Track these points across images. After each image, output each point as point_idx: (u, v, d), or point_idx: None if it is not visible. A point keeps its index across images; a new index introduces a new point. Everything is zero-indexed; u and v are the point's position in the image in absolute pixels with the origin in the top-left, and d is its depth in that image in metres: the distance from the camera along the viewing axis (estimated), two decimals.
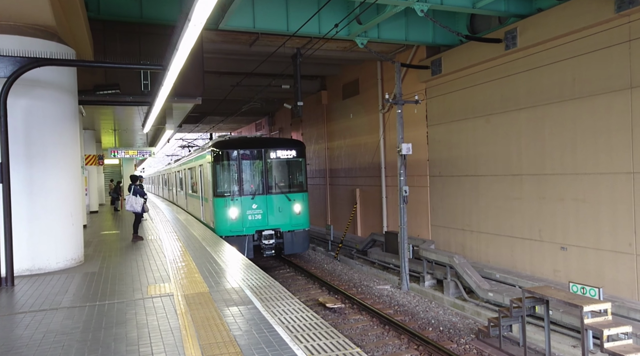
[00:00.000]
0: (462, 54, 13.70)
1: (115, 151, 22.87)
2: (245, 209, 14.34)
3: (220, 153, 14.57)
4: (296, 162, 15.28)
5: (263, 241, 14.44)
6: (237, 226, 14.24)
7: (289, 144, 15.31)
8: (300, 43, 14.61)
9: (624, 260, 9.60)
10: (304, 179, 15.48)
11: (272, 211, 14.61)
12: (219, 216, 14.35)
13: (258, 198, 14.47)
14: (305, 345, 4.61)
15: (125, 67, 9.77)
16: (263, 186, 14.61)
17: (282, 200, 14.72)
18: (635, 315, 8.66)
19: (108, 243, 12.08)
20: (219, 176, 14.54)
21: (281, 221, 14.67)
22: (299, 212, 14.87)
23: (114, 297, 6.65)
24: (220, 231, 14.29)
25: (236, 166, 14.47)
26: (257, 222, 14.42)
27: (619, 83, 9.59)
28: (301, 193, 15.12)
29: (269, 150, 14.76)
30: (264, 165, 14.69)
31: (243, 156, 14.52)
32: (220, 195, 14.45)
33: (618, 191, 9.69)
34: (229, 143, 14.98)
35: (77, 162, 9.36)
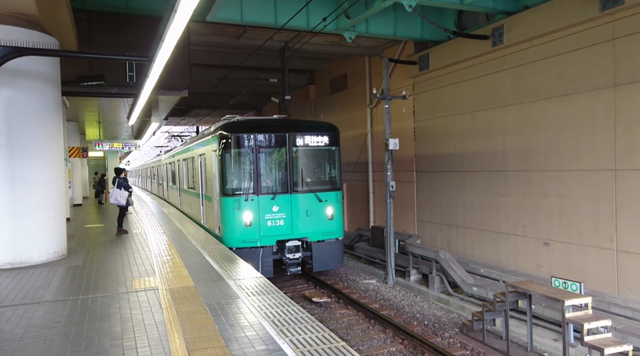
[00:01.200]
0: (449, 50, 13.76)
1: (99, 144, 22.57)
2: (264, 213, 11.23)
3: (231, 138, 11.29)
4: (329, 152, 12.20)
5: (287, 254, 11.41)
6: (252, 235, 11.14)
7: (320, 128, 12.14)
8: (288, 36, 14.54)
9: (605, 256, 9.77)
10: (338, 174, 12.43)
11: (298, 215, 11.56)
12: (229, 222, 11.21)
13: (280, 198, 11.39)
14: (290, 339, 4.61)
15: (110, 58, 9.66)
16: (287, 183, 11.51)
17: (311, 201, 11.69)
18: (614, 309, 8.83)
19: (92, 237, 11.94)
20: (228, 169, 11.32)
21: (309, 228, 11.63)
22: (331, 216, 11.87)
23: (98, 291, 6.59)
24: (230, 241, 11.17)
25: (252, 156, 11.28)
26: (278, 229, 11.34)
27: (602, 81, 9.72)
28: (334, 191, 12.10)
29: (295, 135, 11.59)
30: (288, 155, 11.54)
31: (261, 143, 11.35)
32: (230, 194, 11.24)
33: (600, 187, 9.85)
34: (242, 125, 11.65)
35: (60, 155, 9.22)
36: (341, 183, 12.60)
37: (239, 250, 10.90)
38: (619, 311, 8.76)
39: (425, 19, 11.77)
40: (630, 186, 9.26)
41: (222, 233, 11.51)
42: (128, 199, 12.64)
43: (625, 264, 9.38)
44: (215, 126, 12.86)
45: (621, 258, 9.46)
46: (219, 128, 11.75)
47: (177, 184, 20.00)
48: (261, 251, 11.15)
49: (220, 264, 8.18)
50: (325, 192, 11.87)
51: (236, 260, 8.54)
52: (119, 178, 12.54)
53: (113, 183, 12.75)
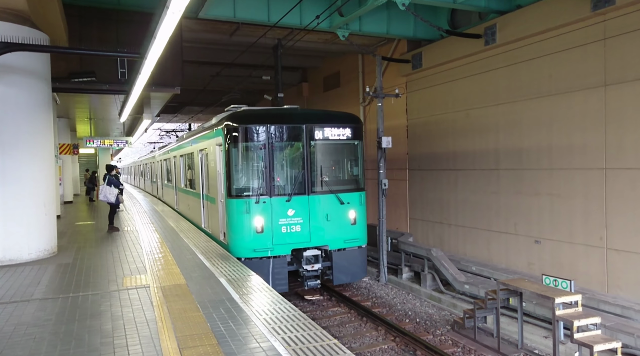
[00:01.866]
0: (442, 49, 13.79)
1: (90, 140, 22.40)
2: (277, 217, 9.76)
3: (239, 131, 9.77)
4: (351, 147, 10.75)
5: (304, 265, 10.01)
6: (264, 243, 9.69)
7: (341, 119, 10.67)
8: (281, 34, 14.50)
9: (594, 254, 9.86)
10: (361, 172, 10.89)
11: (317, 219, 10.07)
12: (236, 228, 9.73)
13: (296, 199, 9.90)
14: (282, 337, 4.61)
15: (101, 54, 9.56)
16: (304, 182, 10.00)
17: (332, 203, 10.19)
18: (604, 306, 8.92)
19: (83, 234, 11.86)
20: (236, 166, 9.80)
21: (330, 234, 10.18)
22: (354, 221, 10.38)
23: (88, 289, 6.54)
24: (238, 250, 9.70)
25: (264, 151, 9.79)
26: (294, 236, 9.91)
27: (593, 81, 9.79)
28: (357, 192, 10.55)
29: (313, 127, 10.10)
30: (305, 149, 10.04)
31: (275, 136, 9.89)
32: (238, 195, 9.71)
33: (591, 186, 9.93)
34: (253, 116, 10.14)
35: (50, 151, 9.14)
36: (364, 182, 10.99)
37: (248, 261, 9.51)
38: (609, 308, 8.84)
39: (418, 17, 11.79)
40: (620, 184, 9.34)
41: (228, 240, 9.99)
42: (118, 196, 12.56)
43: (614, 262, 9.47)
44: (219, 117, 11.32)
45: (611, 256, 9.55)
46: (226, 119, 10.07)
47: (174, 183, 18.47)
48: (272, 262, 9.65)
49: (212, 261, 8.15)
50: (347, 193, 10.36)
51: (228, 259, 8.51)
52: (109, 175, 12.46)
53: (103, 180, 12.67)
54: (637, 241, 9.02)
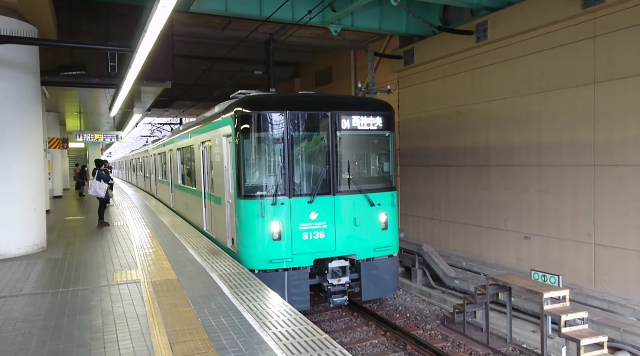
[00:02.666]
0: (434, 45, 13.82)
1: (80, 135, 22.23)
2: (298, 222, 8.37)
3: (253, 118, 8.31)
4: (382, 139, 9.40)
5: (329, 279, 8.62)
6: (282, 252, 8.30)
7: (371, 106, 9.29)
8: (273, 29, 14.44)
9: (583, 249, 9.98)
10: (393, 168, 9.51)
11: (344, 224, 8.69)
12: (249, 234, 8.35)
13: (320, 201, 8.50)
14: (273, 332, 4.62)
15: (91, 47, 9.48)
16: (329, 180, 8.61)
17: (361, 205, 8.83)
18: (591, 301, 9.05)
19: (72, 229, 11.78)
20: (248, 161, 8.39)
21: (358, 241, 8.81)
22: (385, 225, 9.04)
23: (78, 284, 6.51)
24: (251, 261, 8.29)
25: (283, 143, 8.39)
26: (317, 244, 8.50)
27: (583, 78, 9.88)
28: (389, 191, 9.24)
29: (340, 115, 8.71)
30: (331, 141, 8.63)
31: (295, 125, 8.45)
32: (250, 195, 8.31)
33: (579, 183, 10.04)
34: (268, 101, 8.73)
35: (39, 145, 9.05)
36: (395, 180, 9.64)
37: (263, 274, 8.13)
38: (596, 303, 8.97)
39: (410, 13, 11.79)
40: (608, 181, 9.45)
41: (238, 248, 8.56)
42: (108, 191, 12.49)
43: (602, 257, 9.60)
44: (222, 105, 10.07)
45: (598, 251, 9.67)
46: (236, 105, 8.67)
47: (169, 179, 17.00)
48: (286, 275, 8.23)
49: (203, 257, 8.14)
50: (378, 192, 9.02)
51: (220, 254, 8.49)
52: (99, 169, 12.40)
53: (93, 175, 12.59)
54: (624, 237, 9.14)
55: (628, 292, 8.99)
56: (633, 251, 8.97)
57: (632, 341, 7.67)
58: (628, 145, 9.05)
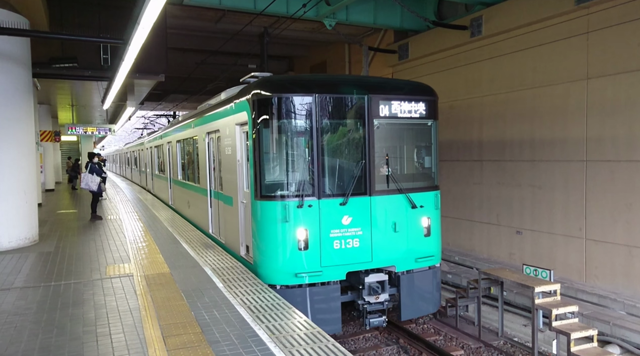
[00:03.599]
0: (429, 40, 13.82)
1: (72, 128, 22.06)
2: (328, 227, 7.04)
3: (274, 103, 7.00)
4: (424, 129, 8.06)
5: (365, 296, 7.26)
6: (309, 263, 6.96)
7: (412, 90, 7.89)
8: (267, 22, 14.35)
9: (574, 244, 10.07)
10: (435, 164, 8.17)
11: (382, 229, 7.36)
12: (270, 242, 7.03)
13: (354, 202, 7.16)
14: (267, 325, 4.64)
15: (83, 39, 9.39)
16: (365, 178, 7.23)
17: (400, 207, 7.52)
18: (582, 295, 9.15)
19: (65, 223, 11.72)
20: (268, 154, 7.12)
21: (397, 251, 7.51)
22: (428, 231, 7.80)
23: (71, 277, 6.49)
24: (272, 274, 6.97)
25: (311, 133, 7.01)
26: (351, 254, 7.17)
27: (576, 74, 9.92)
28: (432, 191, 7.98)
29: (378, 100, 7.31)
30: (367, 131, 7.24)
31: (325, 112, 7.09)
32: (272, 196, 6.98)
33: (571, 178, 10.11)
34: (292, 83, 7.48)
35: (31, 138, 8.98)
36: (438, 177, 8.27)
37: (287, 290, 6.82)
38: (586, 297, 9.07)
39: (405, 7, 11.77)
40: (599, 176, 9.52)
41: (256, 259, 7.21)
42: (100, 185, 12.44)
43: (593, 252, 9.69)
44: (230, 92, 8.94)
45: (589, 246, 9.76)
46: (255, 86, 7.31)
47: (168, 174, 15.71)
48: (308, 292, 6.93)
49: (196, 250, 8.13)
50: (419, 192, 7.71)
51: (213, 247, 8.48)
52: (91, 162, 12.35)
53: (85, 168, 12.54)
54: (614, 231, 9.23)
55: (618, 286, 9.09)
56: (623, 246, 9.06)
57: (621, 335, 7.77)
58: (619, 141, 9.12)
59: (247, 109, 7.40)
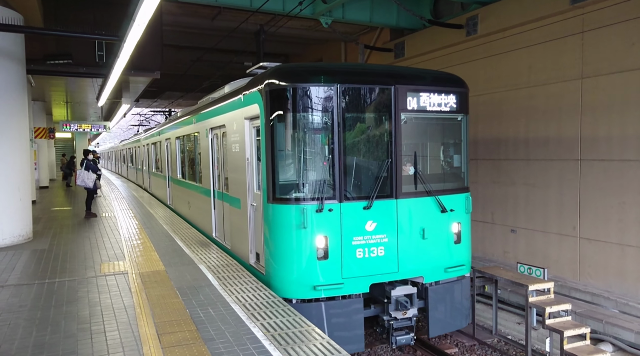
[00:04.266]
0: (425, 39, 13.83)
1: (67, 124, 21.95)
2: (350, 234, 6.35)
3: (290, 94, 6.26)
4: (453, 124, 7.32)
5: (392, 311, 6.55)
6: (328, 275, 6.26)
7: (441, 81, 7.14)
8: (263, 20, 14.33)
9: (568, 242, 10.13)
10: (465, 163, 7.44)
11: (409, 236, 6.69)
12: (284, 251, 6.31)
13: (379, 206, 6.47)
14: (262, 323, 4.65)
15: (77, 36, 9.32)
16: (391, 179, 6.54)
17: (429, 211, 6.84)
18: (575, 293, 9.21)
19: (59, 220, 11.67)
20: (283, 151, 6.41)
21: (425, 260, 6.82)
22: (458, 238, 7.18)
23: (65, 275, 6.47)
24: (286, 287, 6.26)
25: (332, 128, 6.28)
26: (375, 264, 6.48)
27: (570, 73, 9.96)
28: (462, 193, 7.29)
29: (404, 91, 6.60)
30: (394, 126, 6.54)
31: (348, 103, 6.38)
32: (287, 199, 6.27)
33: (565, 177, 10.16)
34: (311, 71, 6.60)
35: (25, 135, 8.93)
36: (468, 177, 7.53)
37: (304, 304, 6.14)
38: (579, 295, 9.13)
39: (401, 6, 11.78)
40: (593, 175, 9.58)
41: (269, 269, 6.48)
42: (96, 182, 12.40)
43: (586, 251, 9.75)
44: (235, 83, 8.45)
45: (583, 245, 9.82)
46: (268, 76, 6.55)
47: (166, 172, 15.09)
48: (323, 307, 6.18)
49: (191, 248, 8.12)
50: (449, 194, 7.02)
51: (208, 246, 8.47)
52: (86, 159, 12.32)
53: (81, 165, 12.50)
54: (607, 230, 9.29)
55: (610, 284, 9.15)
56: (616, 245, 9.12)
57: (614, 333, 7.83)
58: (613, 140, 9.18)
59: (258, 101, 6.65)
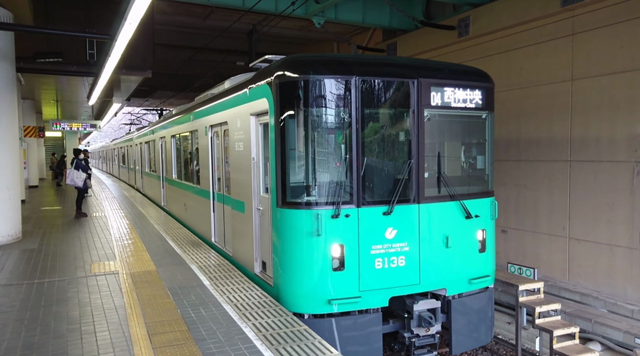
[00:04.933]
0: (417, 39, 13.89)
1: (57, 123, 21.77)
2: (369, 242, 5.75)
3: (303, 87, 5.67)
4: (478, 122, 6.83)
5: (414, 328, 5.89)
6: (345, 288, 5.65)
7: (466, 75, 6.65)
8: (256, 19, 14.31)
9: (557, 243, 10.22)
10: (490, 164, 6.90)
11: (431, 244, 6.10)
12: (296, 260, 5.69)
13: (400, 211, 5.89)
14: (253, 323, 4.64)
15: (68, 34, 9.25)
16: (412, 182, 5.96)
17: (453, 217, 6.27)
18: (564, 293, 9.29)
19: (48, 219, 11.57)
20: (295, 151, 5.80)
21: (449, 270, 6.21)
22: (483, 246, 6.52)
23: (55, 275, 6.41)
24: (298, 300, 5.63)
25: (350, 125, 5.71)
26: (395, 275, 5.89)
27: (561, 75, 10.05)
28: (487, 197, 6.67)
29: (428, 85, 6.03)
30: (416, 123, 5.97)
31: (367, 98, 5.82)
32: (299, 203, 5.67)
33: (556, 177, 10.25)
34: (326, 62, 5.94)
35: (14, 134, 8.85)
36: (492, 180, 6.92)
37: (317, 320, 5.50)
38: (569, 295, 9.22)
39: (393, 7, 11.81)
40: (583, 176, 9.68)
41: (278, 280, 5.87)
42: (86, 181, 12.33)
43: (576, 251, 9.85)
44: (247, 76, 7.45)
45: (572, 245, 9.91)
46: (278, 67, 5.99)
47: (161, 173, 14.54)
48: (338, 324, 5.57)
49: (183, 248, 8.09)
50: (473, 199, 6.43)
51: (200, 245, 8.43)
52: (77, 158, 12.25)
53: (71, 164, 12.43)
54: (596, 231, 9.39)
55: (599, 284, 9.25)
56: (604, 245, 9.22)
57: (602, 332, 7.92)
58: (602, 141, 9.28)
59: (267, 95, 6.06)
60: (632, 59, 8.69)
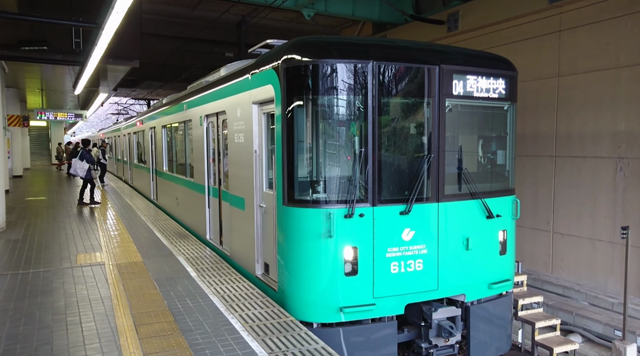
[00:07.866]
0: (406, 34, 13.90)
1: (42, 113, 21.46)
2: (384, 245, 5.25)
3: (313, 72, 5.05)
4: (500, 114, 6.37)
5: (431, 337, 5.44)
6: (358, 294, 5.16)
7: (488, 62, 6.09)
8: (245, 10, 14.20)
9: (541, 237, 10.38)
10: (511, 160, 6.51)
11: (450, 246, 5.63)
12: (304, 264, 5.16)
13: (419, 210, 5.41)
14: (240, 314, 4.67)
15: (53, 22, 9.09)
16: (432, 178, 5.47)
17: (473, 217, 5.81)
18: (547, 286, 9.47)
19: (34, 210, 11.44)
20: (303, 144, 5.20)
21: (468, 274, 5.77)
22: (503, 248, 6.13)
23: (39, 265, 6.37)
24: (306, 307, 5.13)
25: (365, 115, 5.12)
26: (412, 280, 5.42)
27: (548, 71, 10.17)
28: (508, 195, 6.34)
29: (450, 72, 5.50)
30: (437, 114, 5.46)
31: (384, 85, 5.23)
32: (308, 201, 5.13)
33: (541, 172, 10.39)
34: (340, 45, 5.35)
35: None
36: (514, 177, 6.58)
37: (327, 330, 5.04)
38: (551, 288, 9.40)
39: (383, 0, 11.81)
40: (567, 172, 9.83)
41: (283, 285, 5.36)
42: (91, 171, 12.50)
43: (559, 245, 10.02)
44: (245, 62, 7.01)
45: (556, 239, 10.08)
46: (285, 50, 5.36)
47: (151, 165, 13.97)
48: (342, 333, 5.09)
49: (170, 239, 8.07)
50: (495, 197, 6.00)
51: (187, 237, 8.41)
52: (83, 149, 12.48)
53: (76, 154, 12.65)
54: (579, 225, 9.56)
55: (581, 278, 9.43)
56: (587, 239, 9.40)
57: (583, 324, 8.09)
58: (586, 137, 9.42)
59: (273, 82, 5.47)
60: (616, 57, 8.82)
